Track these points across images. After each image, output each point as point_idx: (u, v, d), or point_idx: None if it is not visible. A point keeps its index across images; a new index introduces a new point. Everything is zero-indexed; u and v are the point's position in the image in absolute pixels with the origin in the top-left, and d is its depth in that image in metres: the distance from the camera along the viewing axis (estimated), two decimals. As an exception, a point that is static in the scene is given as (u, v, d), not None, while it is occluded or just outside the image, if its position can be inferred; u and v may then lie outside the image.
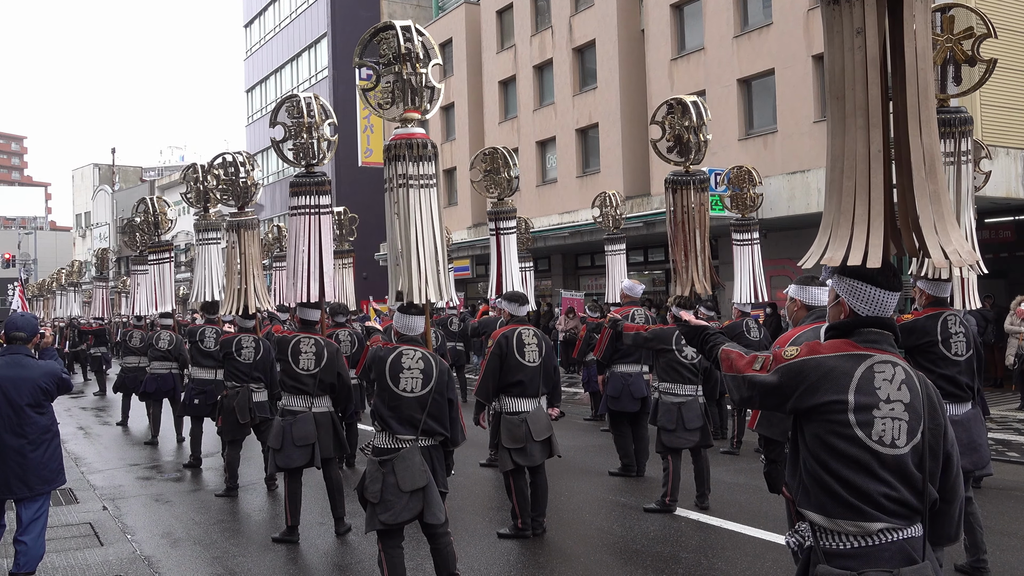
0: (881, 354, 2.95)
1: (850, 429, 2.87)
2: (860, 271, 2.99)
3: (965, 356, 5.71)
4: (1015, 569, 6.13)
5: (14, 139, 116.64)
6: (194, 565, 6.87)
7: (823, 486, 2.91)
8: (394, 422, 5.44)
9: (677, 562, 6.48)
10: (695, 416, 7.87)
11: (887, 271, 3.02)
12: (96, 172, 74.37)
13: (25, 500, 6.01)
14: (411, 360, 5.54)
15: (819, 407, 2.92)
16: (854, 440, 2.86)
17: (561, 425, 9.74)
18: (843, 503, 2.86)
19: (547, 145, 28.50)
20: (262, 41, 48.00)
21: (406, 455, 5.41)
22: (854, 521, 2.84)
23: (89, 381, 21.95)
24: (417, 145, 5.94)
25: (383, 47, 6.15)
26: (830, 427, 2.90)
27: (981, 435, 5.84)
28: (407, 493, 5.34)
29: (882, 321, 3.04)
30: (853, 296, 3.06)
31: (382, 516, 5.34)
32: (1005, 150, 15.70)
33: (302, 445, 7.30)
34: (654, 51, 23.70)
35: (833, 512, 2.89)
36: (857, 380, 2.90)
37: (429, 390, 5.48)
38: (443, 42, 33.53)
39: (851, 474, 2.85)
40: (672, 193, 7.91)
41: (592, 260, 27.98)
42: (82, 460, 11.70)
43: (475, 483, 9.28)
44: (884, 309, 3.05)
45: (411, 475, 5.36)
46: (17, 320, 6.27)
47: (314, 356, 7.41)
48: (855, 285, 3.05)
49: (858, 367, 2.92)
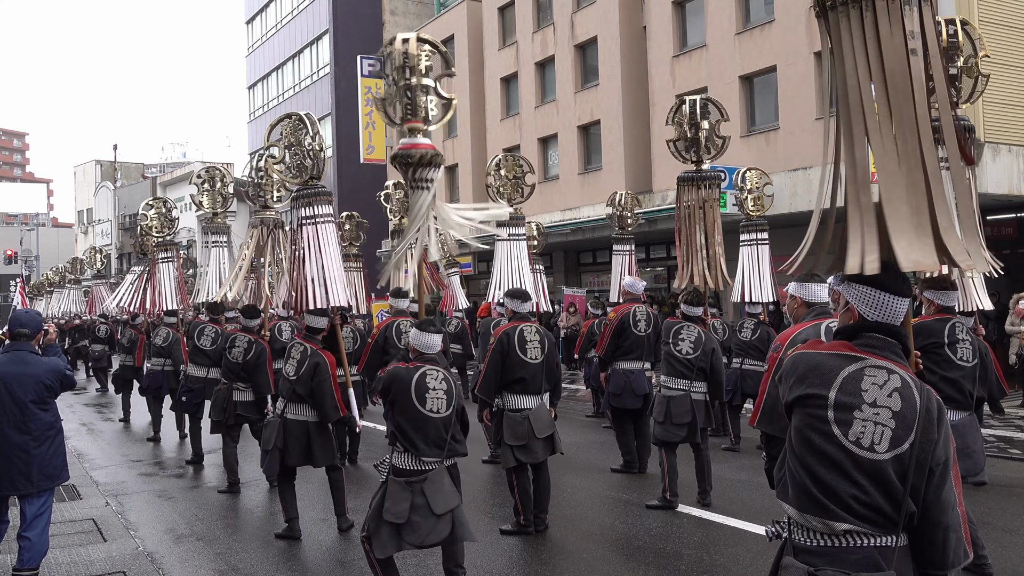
0: (878, 359, 2.91)
1: (827, 425, 2.85)
2: (870, 277, 2.95)
3: (971, 363, 5.73)
4: (1017, 566, 6.15)
5: (16, 135, 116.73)
6: (197, 561, 6.89)
7: (797, 480, 2.91)
8: (421, 443, 5.32)
9: (679, 558, 6.50)
10: (683, 411, 7.86)
11: (896, 276, 2.97)
12: (98, 168, 74.38)
13: (29, 496, 6.02)
14: (435, 381, 5.43)
15: (801, 399, 2.93)
16: (830, 437, 2.84)
17: (563, 422, 9.76)
18: (812, 499, 2.85)
19: (549, 142, 28.50)
20: (264, 38, 48.00)
21: (435, 477, 5.33)
22: (820, 518, 2.82)
23: (91, 378, 21.97)
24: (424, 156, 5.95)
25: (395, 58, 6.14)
26: (809, 421, 2.90)
27: (976, 441, 5.85)
28: (437, 516, 5.26)
29: (888, 328, 2.99)
30: (862, 302, 3.01)
31: (408, 538, 5.24)
32: (1007, 147, 15.71)
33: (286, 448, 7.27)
34: (656, 48, 23.69)
35: (803, 507, 2.88)
36: (842, 378, 2.88)
37: (452, 410, 5.44)
38: (445, 39, 33.55)
39: (823, 471, 2.83)
40: (684, 190, 8.03)
41: (594, 257, 27.98)
42: (85, 456, 11.72)
43: (477, 480, 9.29)
44: (894, 315, 2.99)
45: (443, 497, 5.30)
46: (21, 317, 6.30)
47: (296, 364, 7.26)
48: (864, 291, 3.00)
49: (847, 366, 2.90)
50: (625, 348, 9.48)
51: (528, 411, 7.16)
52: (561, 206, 26.39)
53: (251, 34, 49.70)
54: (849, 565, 2.78)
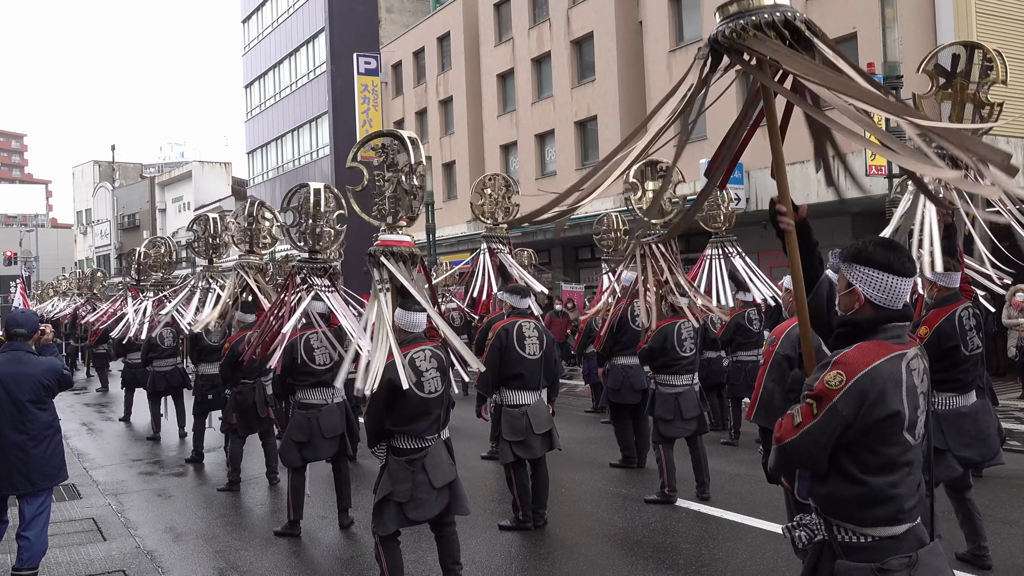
0: (907, 348, 2.92)
1: (901, 435, 2.86)
2: (873, 257, 2.91)
3: (979, 350, 5.73)
4: (1016, 557, 6.15)
5: (14, 137, 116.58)
6: (197, 559, 6.89)
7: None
8: (422, 424, 5.39)
9: (678, 553, 6.50)
10: (692, 405, 7.91)
11: (901, 256, 2.93)
12: (96, 169, 74.35)
13: (28, 496, 6.04)
14: (425, 362, 5.44)
15: (883, 420, 2.83)
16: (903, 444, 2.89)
17: (562, 417, 9.77)
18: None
19: (546, 138, 28.48)
20: (260, 36, 47.92)
21: (434, 452, 5.40)
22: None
23: (92, 377, 21.95)
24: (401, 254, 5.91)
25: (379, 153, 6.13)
26: (883, 436, 2.85)
27: (990, 426, 5.81)
28: (437, 489, 5.35)
29: (902, 314, 2.96)
30: (867, 284, 2.94)
31: (412, 514, 5.32)
32: (1006, 139, 15.68)
33: (331, 437, 7.43)
34: (652, 43, 23.66)
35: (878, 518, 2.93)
36: (905, 385, 2.86)
37: (447, 386, 5.49)
38: (441, 36, 33.53)
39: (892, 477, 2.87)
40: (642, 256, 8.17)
41: (592, 252, 27.97)
42: (85, 456, 11.73)
43: (476, 475, 9.29)
44: (899, 297, 2.93)
45: (442, 471, 5.39)
46: (18, 316, 6.31)
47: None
48: (868, 273, 2.94)
49: (901, 370, 2.86)
50: (623, 343, 9.49)
51: (526, 407, 7.16)
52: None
53: (247, 33, 49.62)
54: (904, 549, 2.87)
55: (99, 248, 70.98)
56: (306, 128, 42.92)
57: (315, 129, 42.06)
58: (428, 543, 6.40)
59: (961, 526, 5.94)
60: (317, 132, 41.89)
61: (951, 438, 5.60)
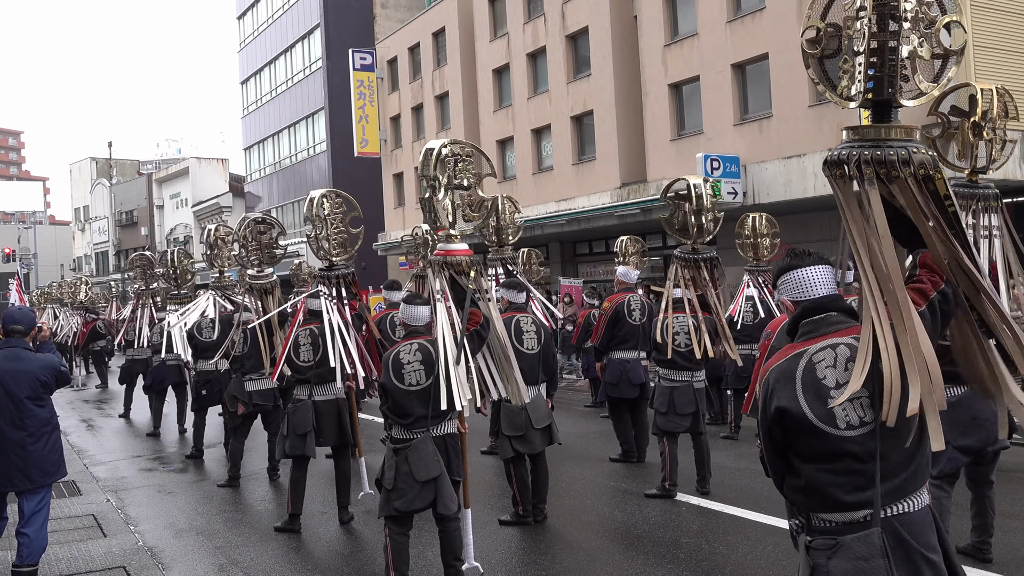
0: (815, 343, 2.98)
1: (816, 427, 2.99)
2: (780, 269, 3.15)
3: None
4: (1017, 550, 6.16)
5: (11, 134, 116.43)
6: (197, 555, 6.90)
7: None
8: (407, 413, 5.50)
9: (678, 547, 6.51)
10: (687, 402, 7.90)
11: (800, 254, 3.10)
12: (94, 166, 74.20)
13: (27, 492, 6.04)
14: (409, 355, 5.56)
15: (782, 416, 2.99)
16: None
17: (561, 412, 9.77)
18: None
19: (542, 133, 28.44)
20: (255, 33, 47.87)
21: (419, 445, 5.46)
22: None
23: (91, 374, 21.94)
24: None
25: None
26: (797, 430, 3.03)
27: (984, 410, 5.54)
28: (419, 483, 5.40)
29: (819, 304, 3.04)
30: (784, 290, 3.13)
31: (396, 503, 5.42)
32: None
33: (301, 433, 7.40)
34: (647, 37, 23.62)
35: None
36: (800, 381, 2.95)
37: (433, 379, 5.46)
38: (436, 31, 33.46)
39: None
40: (681, 267, 7.90)
41: (590, 247, 27.98)
42: (85, 452, 11.73)
43: (476, 471, 9.28)
44: (808, 286, 3.06)
45: (424, 465, 5.41)
46: (15, 313, 6.31)
47: (311, 347, 7.51)
48: (782, 281, 3.15)
49: (797, 367, 2.96)
50: (620, 338, 9.49)
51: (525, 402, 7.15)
52: (556, 197, 26.37)
53: (243, 29, 49.55)
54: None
55: (97, 245, 70.87)
56: (303, 124, 42.89)
57: (311, 125, 42.03)
58: (428, 538, 6.42)
59: (972, 518, 5.97)
60: (314, 128, 41.86)
61: (946, 429, 5.58)
